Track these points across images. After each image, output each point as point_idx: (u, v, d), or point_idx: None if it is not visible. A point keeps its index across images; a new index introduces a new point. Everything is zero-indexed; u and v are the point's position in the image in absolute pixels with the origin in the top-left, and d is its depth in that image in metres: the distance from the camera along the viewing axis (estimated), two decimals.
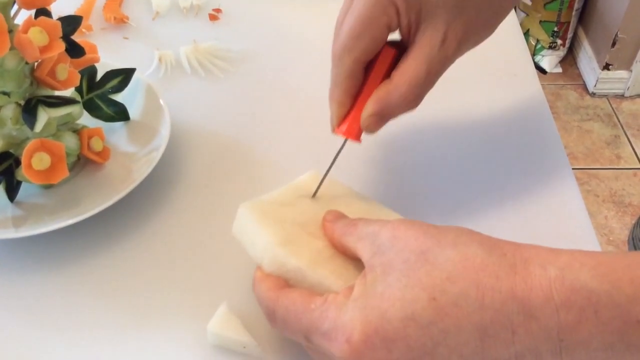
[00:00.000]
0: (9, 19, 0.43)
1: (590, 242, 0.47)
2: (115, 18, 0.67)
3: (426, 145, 0.55)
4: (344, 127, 0.42)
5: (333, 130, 0.43)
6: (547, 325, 0.30)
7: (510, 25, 0.70)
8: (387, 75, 0.42)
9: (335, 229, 0.39)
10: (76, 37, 0.48)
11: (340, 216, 0.40)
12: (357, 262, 0.37)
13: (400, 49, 0.42)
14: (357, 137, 0.42)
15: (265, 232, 0.39)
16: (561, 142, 0.56)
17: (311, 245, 0.39)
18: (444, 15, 0.40)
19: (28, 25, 0.42)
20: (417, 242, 0.33)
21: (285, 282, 0.37)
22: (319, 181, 0.44)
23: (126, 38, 0.67)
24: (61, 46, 0.43)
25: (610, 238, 1.62)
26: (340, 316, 0.33)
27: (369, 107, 0.41)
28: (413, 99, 0.40)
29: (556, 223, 0.49)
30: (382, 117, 0.41)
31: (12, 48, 0.42)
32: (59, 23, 0.44)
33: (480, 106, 0.59)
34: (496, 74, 0.63)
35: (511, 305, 0.30)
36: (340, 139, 0.43)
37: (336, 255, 0.39)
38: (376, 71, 0.42)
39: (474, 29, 0.42)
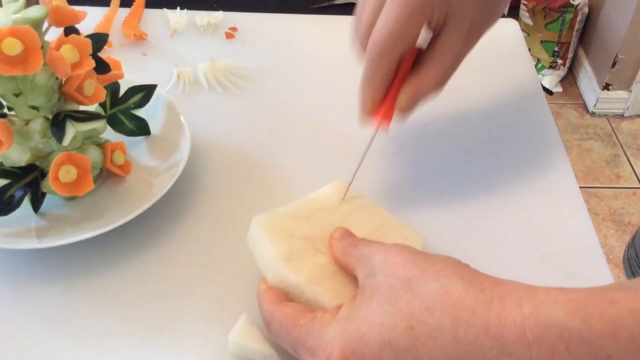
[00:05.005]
0: (41, 36, 0.44)
1: (598, 260, 0.48)
2: (134, 35, 0.68)
3: (437, 163, 0.56)
4: (377, 118, 0.46)
5: (364, 123, 0.47)
6: None
7: (517, 46, 0.72)
8: (412, 64, 0.45)
9: (339, 247, 0.40)
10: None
11: (346, 234, 0.41)
12: (356, 281, 0.38)
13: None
14: (387, 127, 0.46)
15: (270, 246, 0.40)
16: (568, 161, 0.57)
17: (315, 261, 0.40)
18: (469, 10, 0.43)
19: (60, 42, 0.44)
20: (404, 269, 0.35)
21: (285, 296, 0.39)
22: (341, 191, 0.45)
23: (145, 54, 0.68)
24: (91, 63, 0.45)
25: (610, 257, 1.63)
26: (323, 334, 0.34)
27: (404, 96, 0.45)
28: (441, 85, 0.45)
29: (563, 241, 0.50)
30: (414, 104, 0.45)
31: (43, 64, 0.43)
32: (90, 41, 0.45)
33: (488, 126, 0.61)
34: (504, 94, 0.65)
35: (484, 340, 0.31)
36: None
37: (338, 273, 0.40)
38: (405, 63, 0.45)
39: (491, 19, 0.46)
